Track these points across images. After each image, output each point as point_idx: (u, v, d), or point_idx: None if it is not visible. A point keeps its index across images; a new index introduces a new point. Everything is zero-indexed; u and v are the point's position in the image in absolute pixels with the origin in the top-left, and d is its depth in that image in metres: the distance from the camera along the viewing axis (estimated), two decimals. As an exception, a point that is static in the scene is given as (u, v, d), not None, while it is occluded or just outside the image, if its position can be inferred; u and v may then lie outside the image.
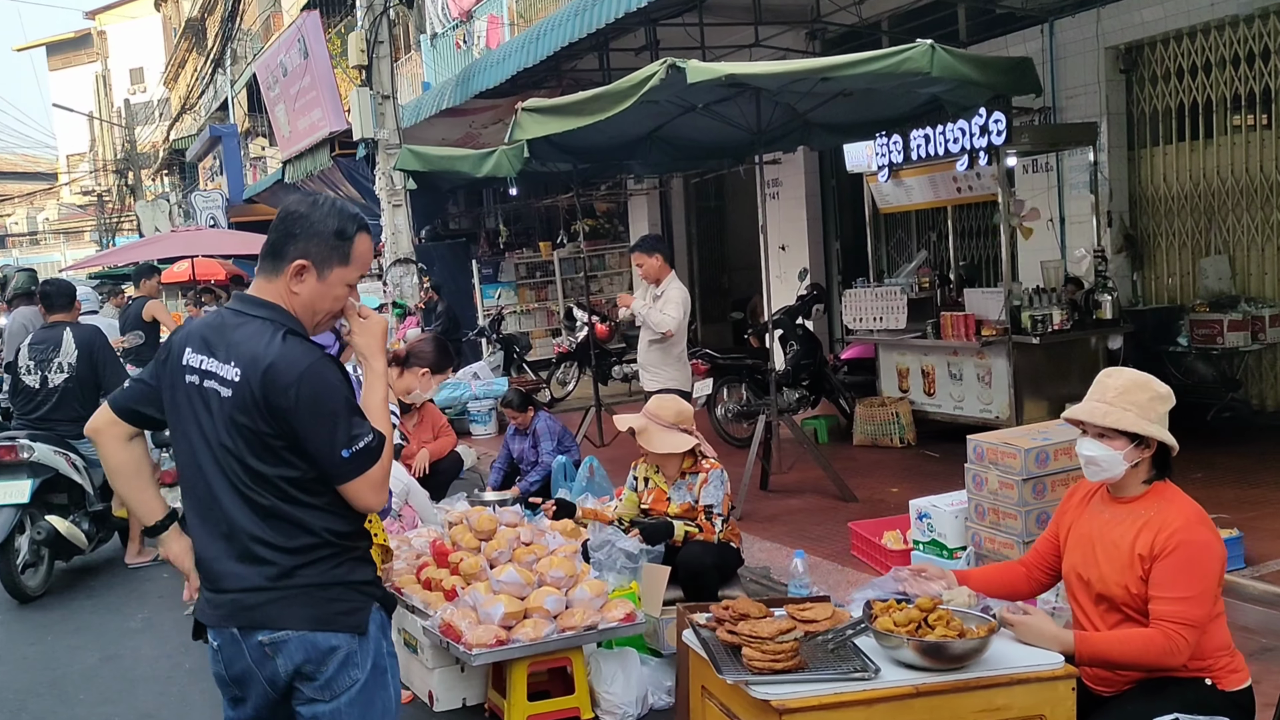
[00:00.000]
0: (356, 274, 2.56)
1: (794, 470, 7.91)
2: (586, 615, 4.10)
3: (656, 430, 5.00)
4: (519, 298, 16.55)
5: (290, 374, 2.38)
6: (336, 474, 2.41)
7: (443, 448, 7.87)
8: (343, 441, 2.38)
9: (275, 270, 2.51)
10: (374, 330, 2.59)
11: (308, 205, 2.54)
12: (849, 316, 9.58)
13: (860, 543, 6.20)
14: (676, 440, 4.99)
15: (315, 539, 2.44)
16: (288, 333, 2.45)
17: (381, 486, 2.47)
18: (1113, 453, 2.99)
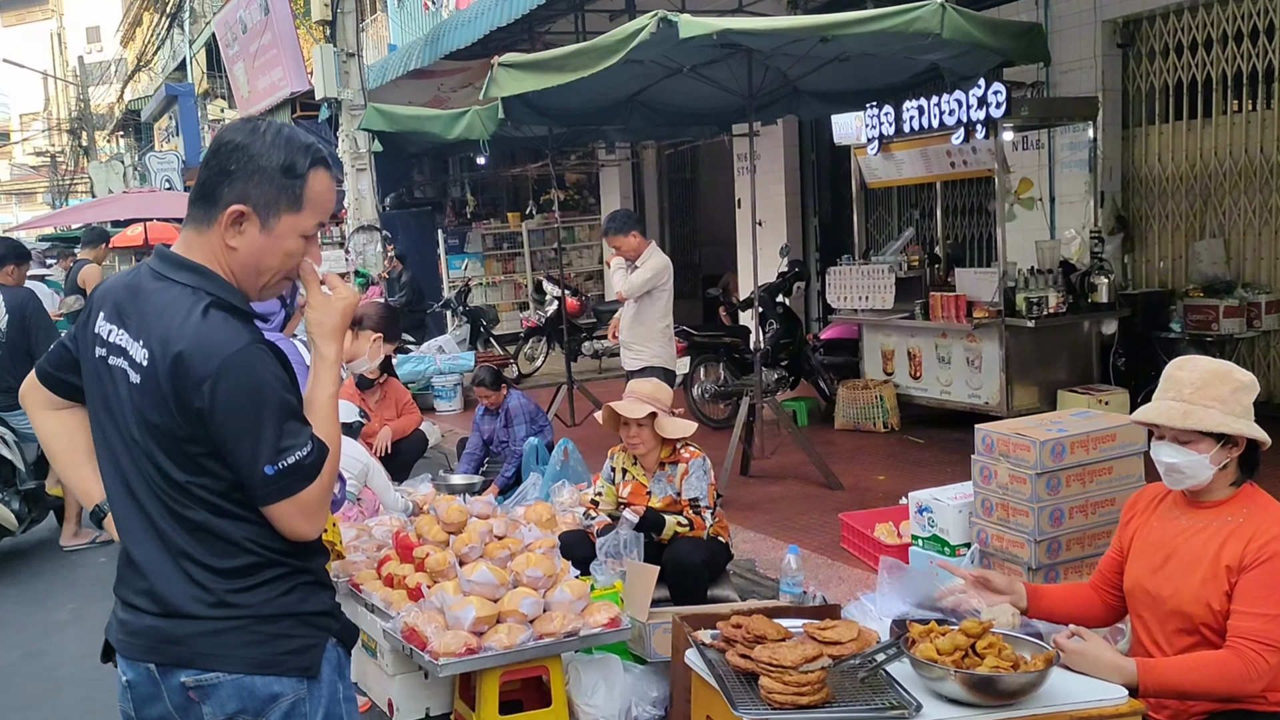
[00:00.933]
0: (313, 222, 2.02)
1: (776, 455, 7.54)
2: (566, 620, 3.69)
3: (665, 417, 4.62)
4: (486, 269, 16.09)
5: (206, 365, 1.87)
6: (257, 494, 1.91)
7: (406, 426, 7.43)
8: (267, 455, 1.88)
9: (206, 219, 1.98)
10: (336, 307, 2.06)
11: (246, 133, 2.00)
12: (832, 295, 9.20)
13: (851, 535, 5.83)
14: (683, 425, 4.64)
15: (256, 558, 1.96)
16: (212, 305, 1.93)
17: (316, 513, 1.96)
18: (1198, 457, 2.61)
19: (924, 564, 5.09)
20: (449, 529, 4.14)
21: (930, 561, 4.34)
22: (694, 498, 4.64)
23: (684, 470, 4.68)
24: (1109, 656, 2.54)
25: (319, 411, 2.01)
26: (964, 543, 4.96)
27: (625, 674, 3.96)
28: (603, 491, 4.87)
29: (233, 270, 2.00)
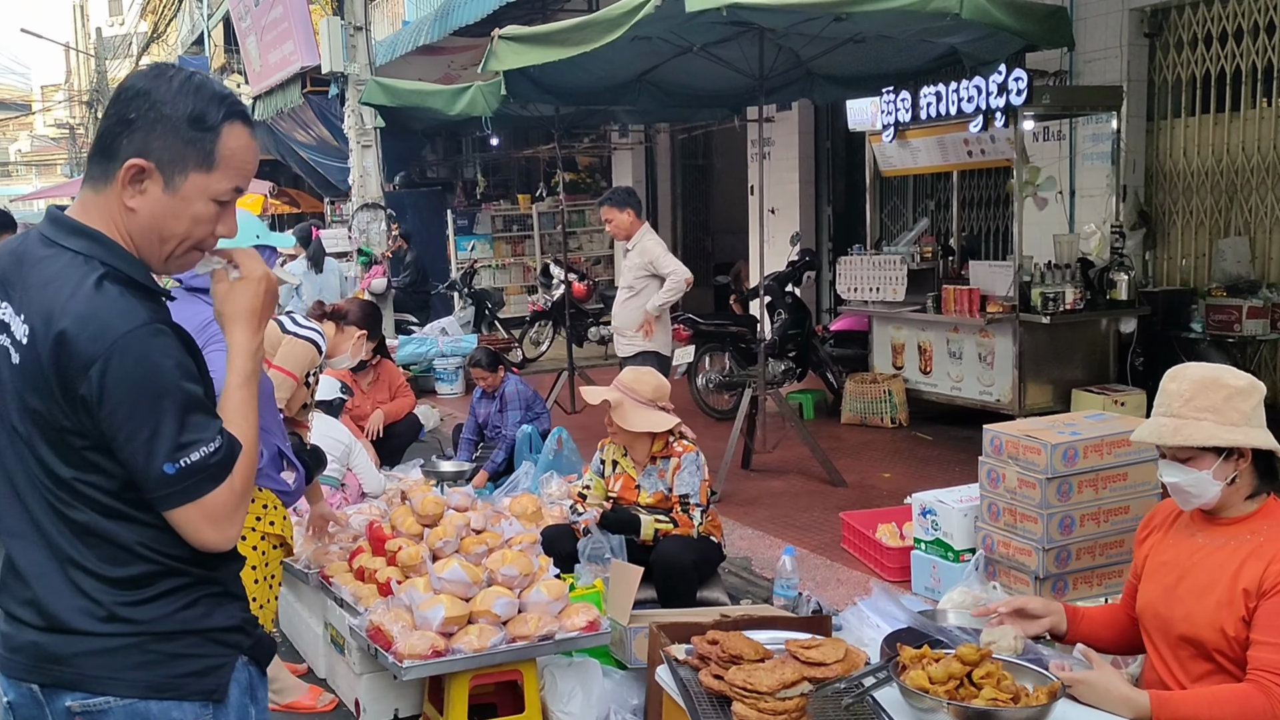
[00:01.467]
0: (227, 184, 1.77)
1: (778, 449, 7.31)
2: (542, 622, 3.48)
3: (632, 406, 4.38)
4: (494, 251, 15.88)
5: (94, 346, 1.62)
6: (155, 497, 1.67)
7: (400, 409, 7.24)
8: (166, 451, 1.63)
9: (104, 176, 1.73)
10: (245, 290, 1.82)
11: (151, 78, 1.75)
12: (843, 286, 8.96)
13: (852, 535, 5.61)
14: (654, 418, 4.38)
15: (154, 566, 1.71)
16: (106, 277, 1.67)
17: (226, 520, 1.70)
18: (1200, 474, 2.39)
19: (926, 570, 4.88)
20: (424, 521, 3.94)
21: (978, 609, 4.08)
22: (684, 494, 4.42)
23: (675, 465, 4.47)
24: (1119, 688, 2.31)
25: (231, 404, 1.78)
26: (968, 548, 4.74)
27: (604, 679, 3.75)
28: (591, 484, 4.65)
29: (132, 236, 1.75)
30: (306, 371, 4.09)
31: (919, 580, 4.94)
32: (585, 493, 4.64)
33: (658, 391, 4.49)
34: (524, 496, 4.79)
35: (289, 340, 4.07)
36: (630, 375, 4.54)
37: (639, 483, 4.50)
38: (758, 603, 5.13)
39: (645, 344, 6.71)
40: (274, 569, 3.06)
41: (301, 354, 4.05)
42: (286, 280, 8.45)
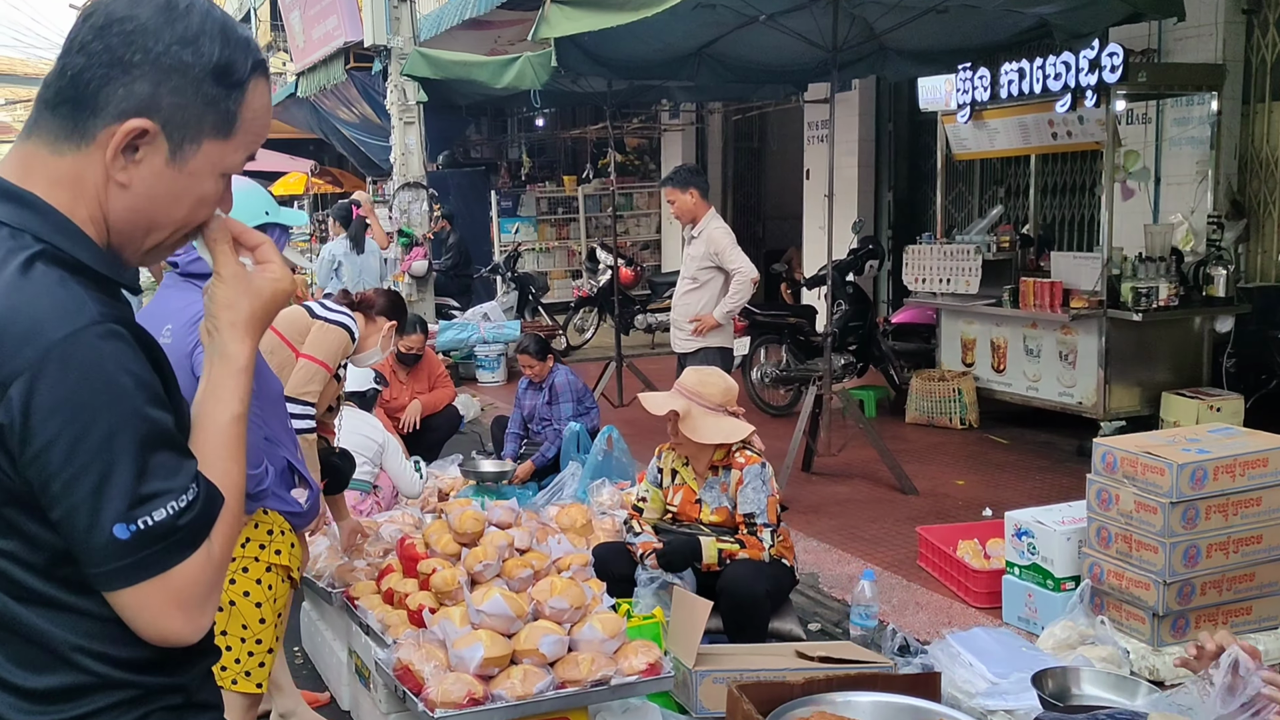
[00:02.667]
0: (242, 156, 1.31)
1: (843, 451, 6.79)
2: (596, 665, 3.01)
3: (701, 414, 3.88)
4: (539, 234, 15.44)
5: (16, 354, 1.14)
6: (101, 572, 1.17)
7: (438, 400, 6.81)
8: (118, 506, 1.15)
9: (77, 133, 1.24)
10: (260, 288, 1.35)
11: (157, 8, 1.24)
12: (909, 276, 8.41)
13: (930, 552, 5.10)
14: (726, 427, 3.87)
15: (87, 677, 1.21)
16: (39, 258, 1.19)
17: (203, 600, 1.21)
18: None
19: (1020, 598, 4.36)
20: (462, 540, 3.47)
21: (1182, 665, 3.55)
22: (749, 513, 3.90)
23: (738, 479, 3.94)
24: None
25: (216, 442, 1.29)
26: (1071, 576, 4.22)
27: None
28: (647, 497, 4.14)
29: (110, 219, 1.28)
30: (340, 362, 3.65)
31: (1011, 609, 4.42)
32: (641, 505, 4.14)
33: (726, 395, 3.99)
34: (573, 507, 4.32)
35: (320, 326, 3.63)
36: (694, 378, 4.03)
37: (700, 496, 4.01)
38: (828, 628, 4.64)
39: (707, 339, 6.18)
40: (282, 606, 2.64)
41: (334, 341, 3.61)
42: (293, 262, 8.05)
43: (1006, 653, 3.83)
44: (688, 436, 3.84)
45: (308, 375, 3.51)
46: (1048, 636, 3.98)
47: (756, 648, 3.45)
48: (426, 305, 11.11)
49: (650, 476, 4.19)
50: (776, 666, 3.22)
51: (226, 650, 2.56)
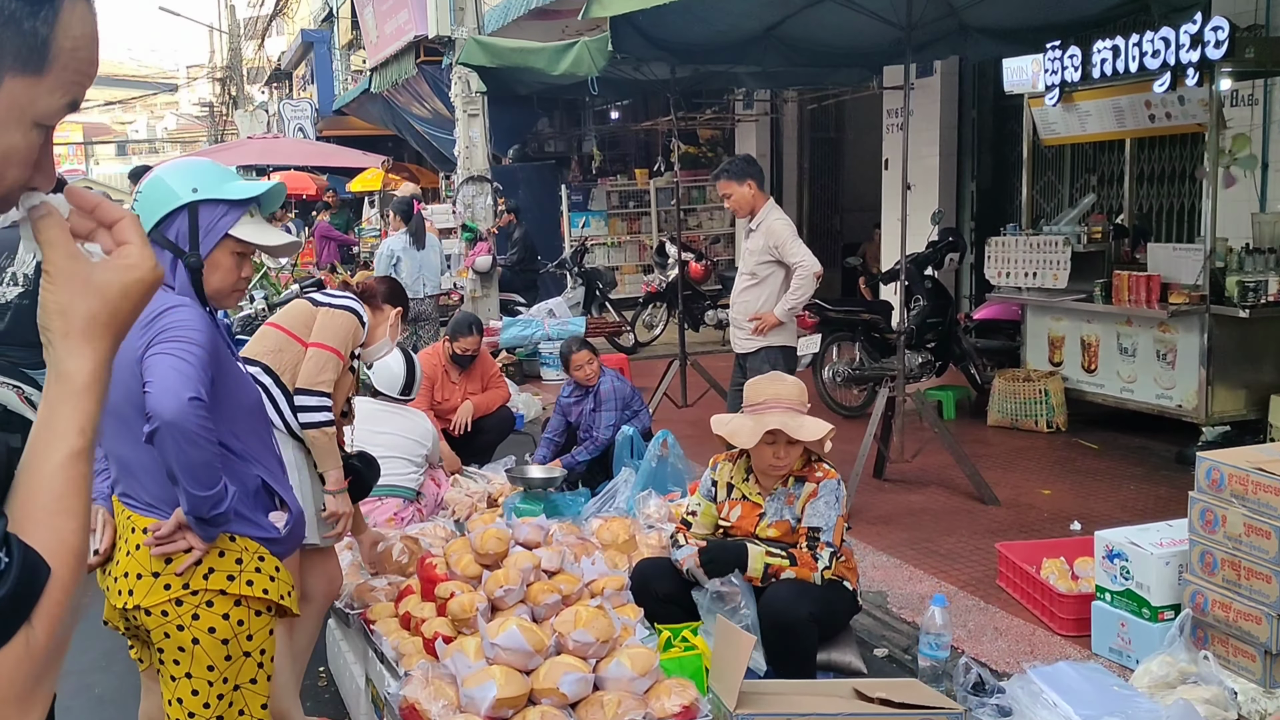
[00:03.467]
0: (61, 100, 0.99)
1: (918, 456, 6.36)
2: (623, 707, 2.67)
3: (791, 415, 3.51)
4: (609, 228, 15.15)
5: None
6: None
7: (491, 401, 6.53)
8: None
9: None
10: (105, 282, 1.03)
11: None
12: (992, 270, 7.92)
13: (1010, 571, 4.66)
14: (815, 425, 3.53)
15: None
16: None
17: (26, 695, 0.91)
18: None
19: (1112, 627, 3.91)
20: (484, 561, 3.16)
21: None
22: (815, 527, 3.53)
23: (812, 491, 3.57)
24: None
25: (39, 489, 0.97)
26: (1170, 605, 3.77)
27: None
28: (698, 510, 3.79)
29: None
30: (351, 348, 3.35)
31: (1101, 639, 3.98)
32: (690, 519, 3.78)
33: (802, 391, 3.66)
34: (615, 521, 3.99)
35: (325, 312, 3.35)
36: (770, 387, 3.65)
37: (764, 511, 3.62)
38: (896, 654, 4.25)
39: (771, 339, 5.80)
40: (262, 642, 2.34)
41: (343, 326, 3.32)
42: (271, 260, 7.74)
43: (1096, 692, 3.40)
44: (801, 440, 3.46)
45: (319, 364, 3.23)
46: (1143, 674, 3.54)
47: (807, 685, 3.08)
48: (491, 301, 10.89)
49: (703, 489, 3.82)
50: (828, 711, 2.85)
51: (193, 695, 2.28)
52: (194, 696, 2.27)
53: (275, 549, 2.34)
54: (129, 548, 2.30)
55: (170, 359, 2.15)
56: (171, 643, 2.26)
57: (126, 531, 2.31)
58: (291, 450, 3.22)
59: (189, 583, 2.25)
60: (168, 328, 2.19)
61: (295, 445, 3.24)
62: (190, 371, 2.13)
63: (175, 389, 2.10)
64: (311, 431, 3.20)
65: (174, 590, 2.26)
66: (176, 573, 2.25)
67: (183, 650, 2.26)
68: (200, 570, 2.27)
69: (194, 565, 2.25)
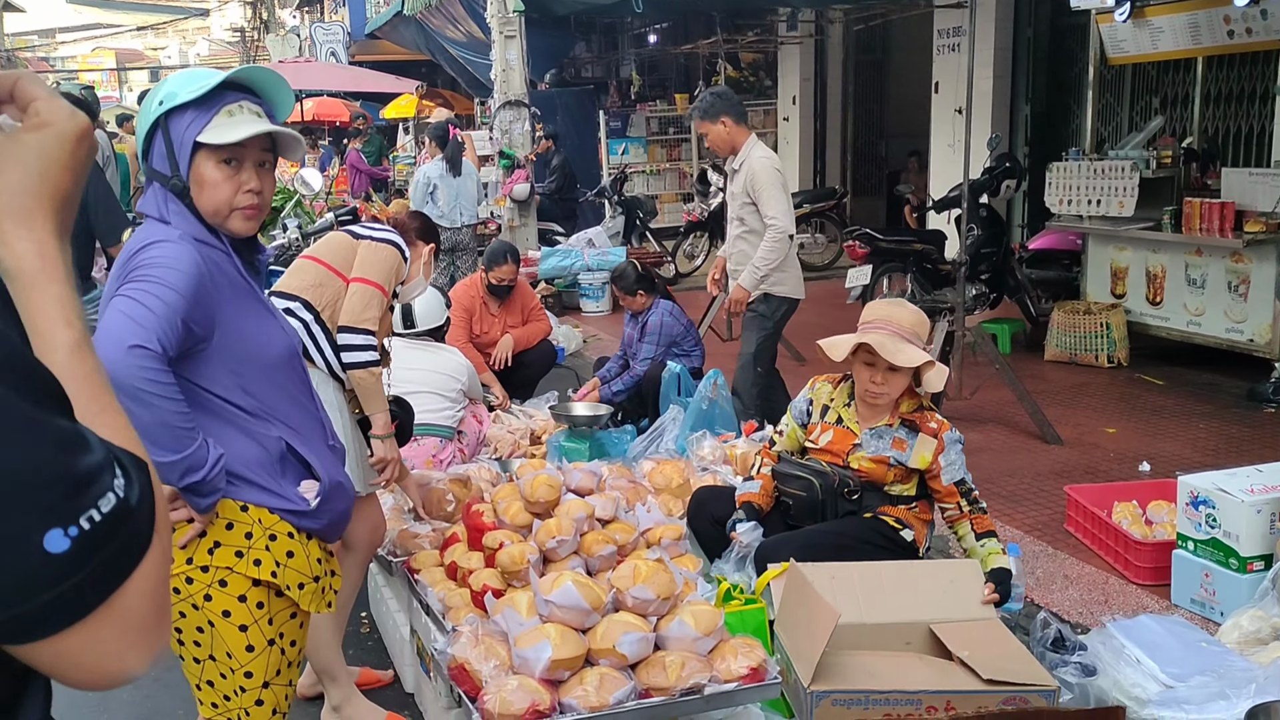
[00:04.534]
0: None
1: (976, 393, 6.12)
2: (687, 669, 2.50)
3: (894, 339, 3.30)
4: (648, 156, 14.82)
5: None
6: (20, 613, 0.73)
7: (532, 335, 6.33)
8: (49, 510, 0.73)
9: None
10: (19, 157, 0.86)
11: None
12: (1052, 197, 7.58)
13: (1080, 515, 4.44)
14: (915, 352, 3.32)
15: None
16: None
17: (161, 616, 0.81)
18: None
19: (1194, 578, 3.70)
20: (534, 509, 2.98)
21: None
22: (960, 480, 3.39)
23: (937, 446, 3.36)
24: None
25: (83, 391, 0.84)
26: (1260, 555, 3.54)
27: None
28: (785, 431, 3.62)
29: None
30: (394, 284, 3.13)
31: (1182, 590, 3.77)
32: (775, 438, 3.65)
33: (919, 325, 3.42)
34: (668, 464, 3.80)
35: (367, 245, 3.12)
36: (910, 317, 3.43)
37: (859, 440, 3.41)
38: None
39: (773, 286, 5.17)
40: (284, 625, 2.08)
41: (387, 260, 3.09)
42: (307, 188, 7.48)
43: (1182, 648, 3.20)
44: (896, 363, 3.25)
45: (364, 299, 3.02)
46: (1231, 628, 3.34)
47: (890, 656, 2.87)
48: (529, 231, 10.65)
49: (795, 410, 3.63)
50: (911, 688, 2.66)
51: (209, 685, 2.04)
52: (218, 683, 2.05)
53: (306, 525, 2.09)
54: None
55: (126, 301, 1.87)
56: (188, 623, 2.02)
57: None
58: (331, 391, 3.04)
59: (193, 557, 2.00)
60: (138, 266, 1.93)
61: (335, 386, 3.06)
62: (144, 316, 1.84)
63: (116, 336, 1.81)
64: (358, 372, 3.00)
65: (177, 565, 1.99)
66: (179, 545, 1.98)
67: (201, 631, 2.03)
68: (205, 543, 2.01)
69: (198, 538, 1.99)
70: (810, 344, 8.15)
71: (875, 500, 3.41)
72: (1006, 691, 2.73)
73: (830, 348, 3.41)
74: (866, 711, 2.70)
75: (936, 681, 2.76)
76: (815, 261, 12.03)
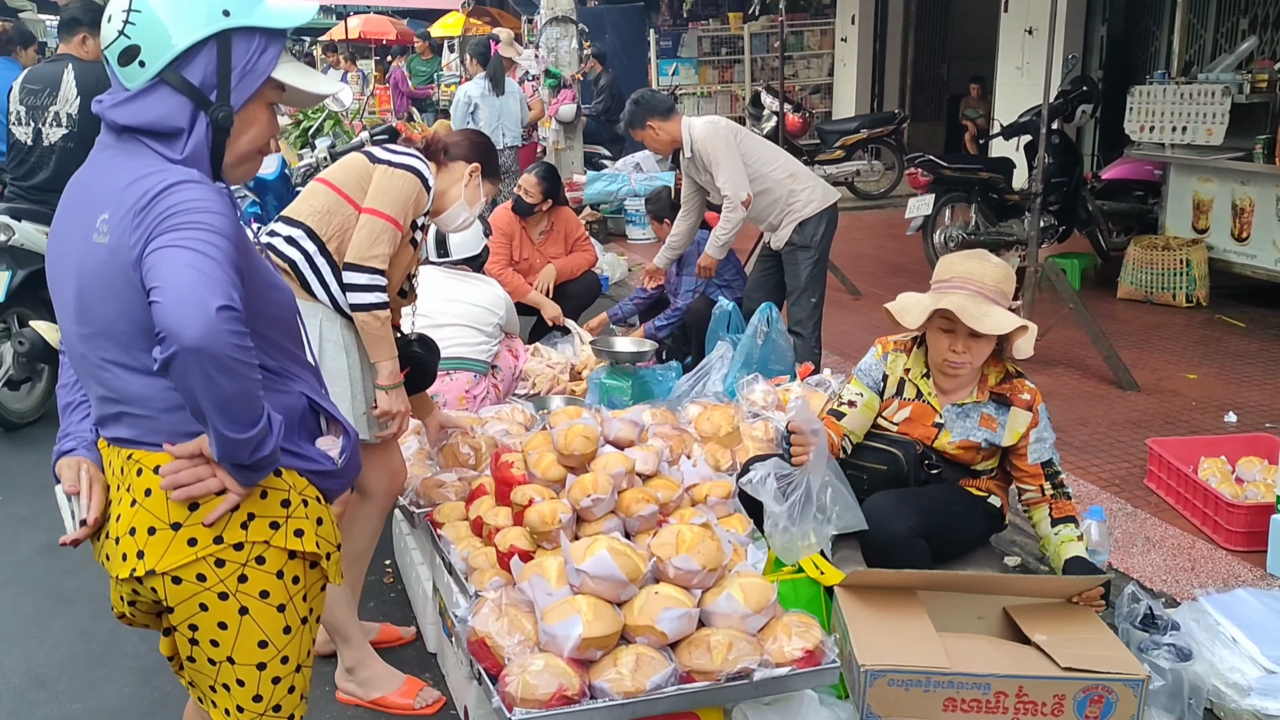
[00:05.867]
0: None
1: (1047, 334, 5.72)
2: (734, 650, 2.21)
3: (977, 302, 2.84)
4: (699, 77, 14.30)
5: None
6: None
7: (576, 265, 6.03)
8: None
9: None
10: None
11: None
12: (1133, 123, 7.09)
13: (1162, 471, 4.09)
14: (1002, 315, 2.86)
15: None
16: None
17: None
18: None
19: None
20: (568, 463, 2.69)
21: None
22: (1047, 461, 2.96)
23: (1031, 420, 2.94)
24: None
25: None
26: (1375, 523, 3.18)
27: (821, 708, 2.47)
28: (858, 401, 3.06)
29: None
30: (412, 216, 2.80)
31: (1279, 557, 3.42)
32: (845, 410, 3.07)
33: (1005, 281, 2.92)
34: (717, 411, 3.48)
35: (383, 171, 2.76)
36: (960, 264, 2.95)
37: (943, 420, 3.00)
38: (1030, 562, 3.73)
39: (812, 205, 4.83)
40: (315, 601, 1.83)
41: (403, 189, 2.74)
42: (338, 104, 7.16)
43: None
44: (981, 330, 2.79)
45: (373, 234, 2.69)
46: (1339, 604, 3.00)
47: (958, 636, 2.56)
48: (574, 154, 10.26)
49: (867, 373, 3.11)
50: (980, 671, 2.36)
51: (225, 689, 1.76)
52: (241, 688, 1.76)
53: (327, 485, 1.81)
54: (134, 496, 1.69)
55: (186, 254, 1.53)
56: (209, 618, 1.71)
57: (129, 478, 1.70)
58: (339, 329, 2.74)
59: (222, 535, 1.69)
60: (175, 211, 1.56)
61: (344, 324, 2.75)
62: (215, 271, 1.53)
63: (197, 296, 1.49)
64: (362, 315, 2.68)
65: (202, 546, 1.68)
66: (205, 522, 1.67)
67: (224, 627, 1.72)
68: (237, 518, 1.70)
69: (230, 512, 1.68)
70: (864, 274, 7.86)
71: (956, 474, 3.05)
72: (1087, 680, 2.43)
73: (902, 313, 2.94)
74: (927, 694, 2.41)
75: (1008, 666, 2.46)
76: (871, 189, 11.57)
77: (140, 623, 1.86)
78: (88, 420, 1.78)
